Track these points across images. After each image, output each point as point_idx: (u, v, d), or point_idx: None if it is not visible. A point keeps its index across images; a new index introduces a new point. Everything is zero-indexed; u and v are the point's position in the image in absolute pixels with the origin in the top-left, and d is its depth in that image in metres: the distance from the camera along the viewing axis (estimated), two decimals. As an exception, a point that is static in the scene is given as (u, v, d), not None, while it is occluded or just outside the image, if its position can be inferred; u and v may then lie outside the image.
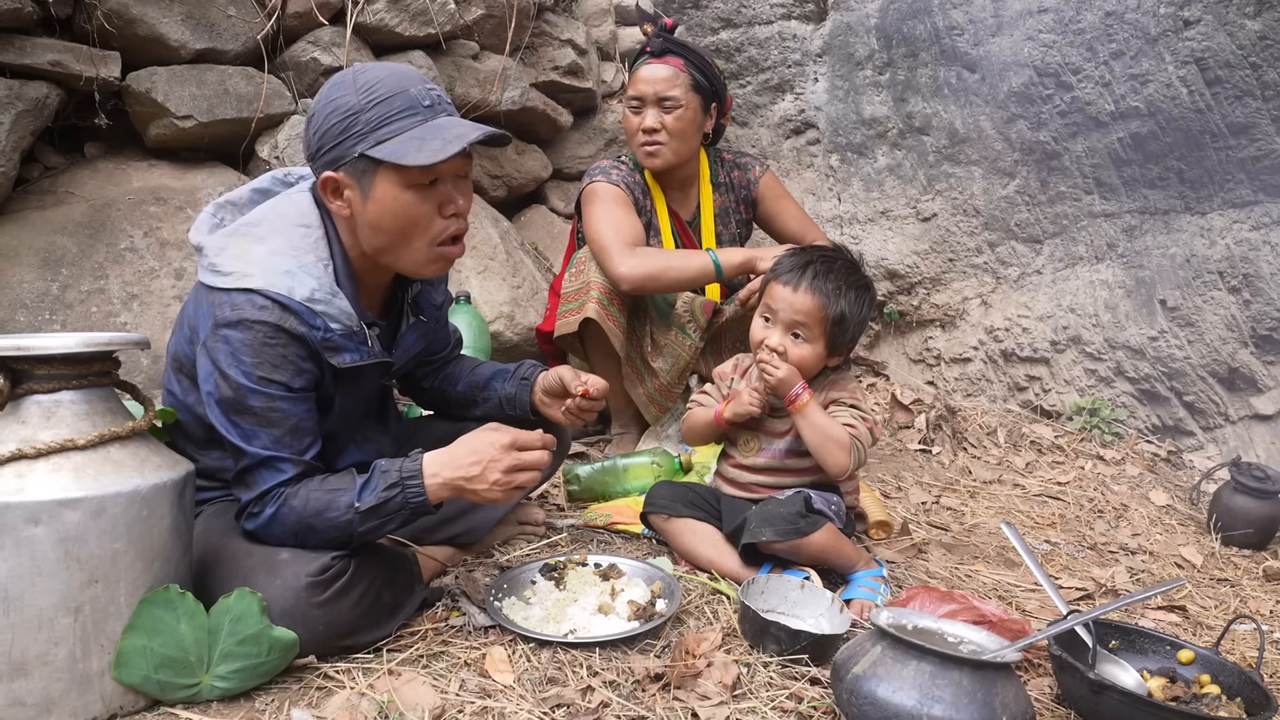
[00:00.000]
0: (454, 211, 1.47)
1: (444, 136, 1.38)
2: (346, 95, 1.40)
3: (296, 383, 1.42)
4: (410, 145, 1.37)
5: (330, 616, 1.39)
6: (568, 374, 1.79)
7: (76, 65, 2.34)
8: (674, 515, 1.93)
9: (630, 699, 1.37)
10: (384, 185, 1.41)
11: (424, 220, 1.45)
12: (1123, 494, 2.84)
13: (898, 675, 1.27)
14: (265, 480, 1.41)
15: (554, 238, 3.60)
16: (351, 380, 1.53)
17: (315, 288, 1.42)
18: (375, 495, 1.41)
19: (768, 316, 1.87)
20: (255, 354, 1.37)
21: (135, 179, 2.61)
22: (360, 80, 1.41)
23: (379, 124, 1.38)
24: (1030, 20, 3.10)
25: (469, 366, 1.94)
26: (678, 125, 2.47)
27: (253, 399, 1.38)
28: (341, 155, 1.41)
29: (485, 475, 1.42)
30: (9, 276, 2.26)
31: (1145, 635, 1.67)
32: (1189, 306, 3.08)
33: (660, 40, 2.51)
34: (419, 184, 1.42)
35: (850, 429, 1.82)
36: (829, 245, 1.98)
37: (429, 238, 1.47)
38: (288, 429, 1.42)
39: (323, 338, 1.43)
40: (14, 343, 1.23)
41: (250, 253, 1.42)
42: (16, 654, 1.18)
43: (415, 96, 1.41)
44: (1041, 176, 3.28)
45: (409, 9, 2.86)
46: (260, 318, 1.37)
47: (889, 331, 3.82)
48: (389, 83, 1.40)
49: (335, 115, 1.40)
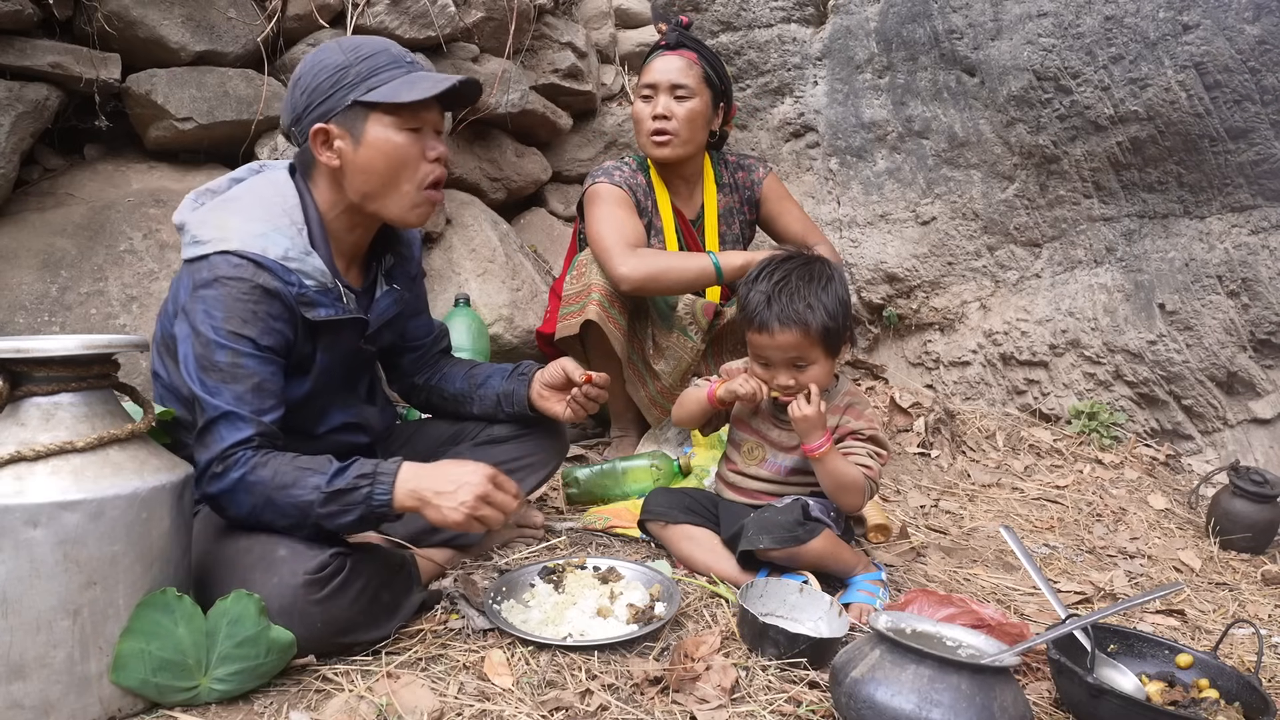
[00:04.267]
0: (436, 156, 1.59)
1: (431, 79, 1.53)
2: (333, 55, 1.53)
3: (265, 340, 1.47)
4: (402, 88, 1.51)
5: (328, 614, 1.39)
6: (570, 365, 1.83)
7: (76, 67, 2.34)
8: (671, 522, 1.93)
9: (629, 702, 1.37)
10: (375, 128, 1.53)
11: (412, 161, 1.57)
12: (1121, 498, 2.85)
13: (896, 679, 1.27)
14: (222, 437, 1.42)
15: (553, 240, 3.60)
16: (329, 336, 1.59)
17: (289, 247, 1.50)
18: (345, 480, 1.43)
19: (763, 361, 1.82)
20: (227, 309, 1.44)
21: (135, 181, 2.61)
22: (345, 44, 1.56)
23: (369, 75, 1.52)
24: (1030, 24, 3.10)
25: (465, 367, 1.99)
26: (688, 115, 2.49)
27: (219, 353, 1.43)
28: (333, 106, 1.52)
29: (456, 494, 1.44)
30: (8, 278, 2.26)
31: (1144, 639, 1.67)
32: (1188, 310, 3.08)
33: (676, 34, 2.54)
34: (405, 127, 1.54)
35: (866, 470, 1.80)
36: (779, 253, 1.90)
37: (416, 180, 1.58)
38: (250, 386, 1.44)
39: (298, 293, 1.51)
40: (13, 345, 1.23)
41: (227, 221, 1.50)
42: (15, 656, 1.18)
43: (398, 54, 1.56)
44: (1041, 180, 3.29)
45: (409, 11, 2.87)
46: (235, 274, 1.45)
47: (888, 335, 3.82)
48: (372, 43, 1.57)
49: (325, 72, 1.52)
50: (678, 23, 2.58)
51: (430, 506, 1.45)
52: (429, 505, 1.45)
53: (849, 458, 1.81)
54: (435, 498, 1.44)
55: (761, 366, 1.83)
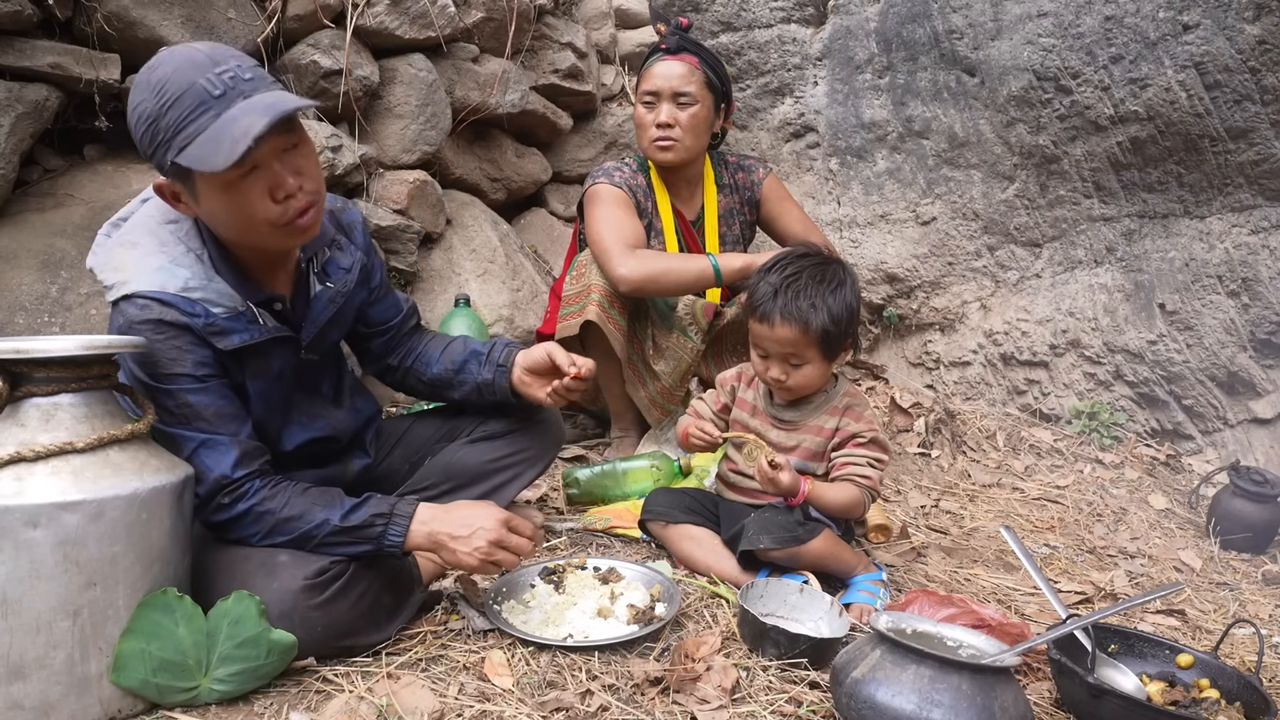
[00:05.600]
0: (286, 194, 1.39)
1: (232, 134, 1.28)
2: (145, 100, 1.34)
3: (200, 371, 1.43)
4: (208, 149, 1.29)
5: (328, 618, 1.40)
6: (559, 353, 1.77)
7: (76, 68, 2.33)
8: (672, 521, 1.93)
9: (629, 703, 1.37)
10: (203, 189, 1.37)
11: (255, 210, 1.38)
12: (1122, 498, 2.85)
13: (897, 679, 1.27)
14: (210, 465, 1.42)
15: (553, 240, 3.60)
16: (255, 361, 1.52)
17: (188, 276, 1.42)
18: (359, 517, 1.44)
19: (761, 351, 1.84)
20: (150, 355, 1.40)
21: (135, 181, 2.61)
22: (154, 80, 1.33)
23: (177, 128, 1.32)
24: (1030, 24, 3.10)
25: (440, 345, 1.90)
26: (692, 121, 2.48)
27: (164, 399, 1.41)
28: (161, 163, 1.37)
29: (472, 539, 1.47)
30: (8, 279, 2.26)
31: (1144, 639, 1.67)
32: (1188, 310, 3.08)
33: (676, 38, 2.53)
34: (234, 180, 1.35)
35: (865, 480, 1.80)
36: (799, 248, 1.92)
37: (270, 223, 1.40)
38: (209, 416, 1.43)
39: (205, 324, 1.42)
40: (13, 345, 1.23)
41: (124, 260, 1.44)
42: (15, 657, 1.18)
43: (204, 89, 1.31)
44: (1041, 180, 3.29)
45: (409, 12, 2.86)
46: (143, 317, 1.39)
47: (888, 335, 3.82)
48: (178, 79, 1.32)
49: (141, 124, 1.35)
50: (677, 25, 2.58)
51: (445, 549, 1.48)
52: (444, 548, 1.48)
53: (847, 469, 1.81)
54: (450, 541, 1.47)
55: (759, 357, 1.84)
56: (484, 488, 1.84)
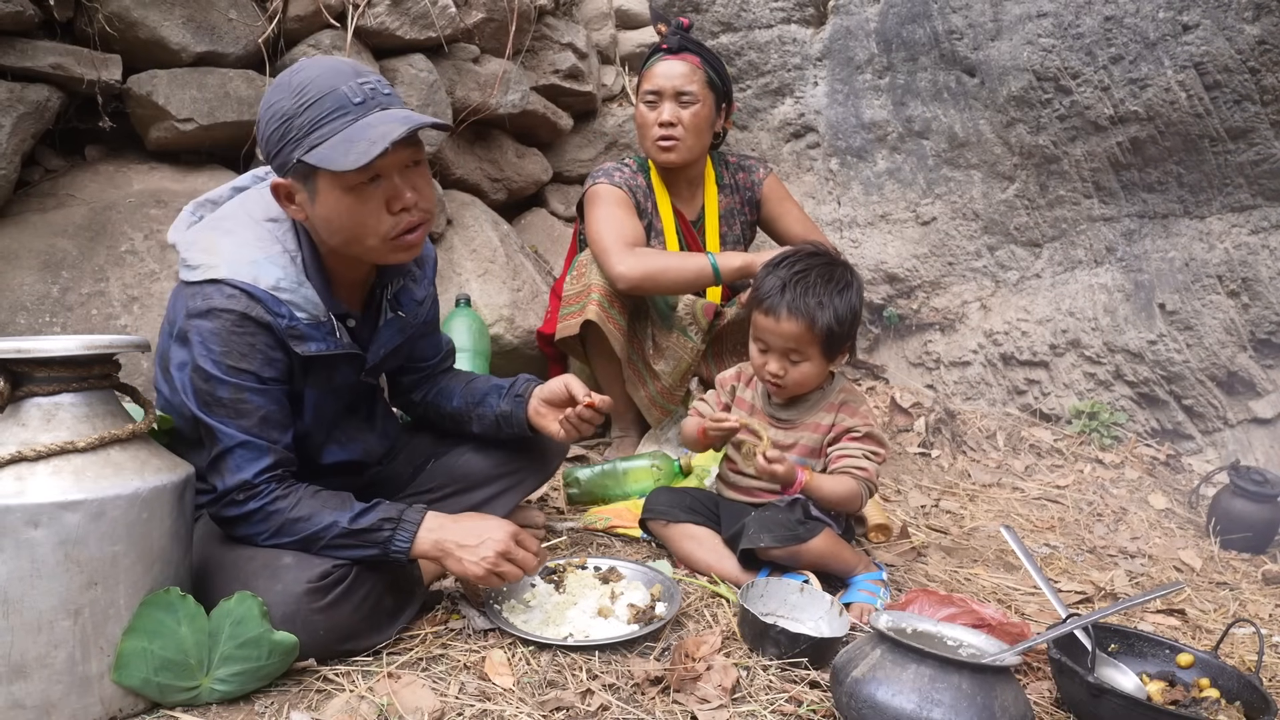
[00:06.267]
0: (402, 206, 1.43)
1: (369, 137, 1.33)
2: (282, 99, 1.38)
3: (266, 372, 1.43)
4: (339, 149, 1.34)
5: (331, 621, 1.40)
6: (576, 384, 1.75)
7: (78, 68, 2.34)
8: (672, 520, 1.93)
9: (630, 702, 1.37)
10: (325, 189, 1.39)
11: (370, 219, 1.42)
12: (1122, 497, 2.85)
13: (897, 679, 1.27)
14: (240, 466, 1.41)
15: (554, 241, 3.60)
16: (322, 372, 1.54)
17: (281, 277, 1.43)
18: (368, 521, 1.44)
19: (761, 345, 1.84)
20: (224, 343, 1.39)
21: (136, 182, 2.61)
22: (295, 81, 1.38)
23: (311, 127, 1.36)
24: (1029, 24, 3.11)
25: (463, 381, 1.90)
26: (694, 121, 2.49)
27: (221, 389, 1.40)
28: (285, 161, 1.40)
29: (479, 549, 1.47)
30: (9, 279, 2.26)
31: (1144, 639, 1.67)
32: (1188, 310, 3.08)
33: (677, 38, 2.53)
34: (358, 185, 1.38)
35: (861, 473, 1.80)
36: (807, 247, 1.93)
37: (380, 234, 1.43)
38: (257, 420, 1.43)
39: (287, 325, 1.44)
40: (14, 345, 1.23)
41: (217, 245, 1.44)
42: (16, 656, 1.18)
43: (345, 95, 1.37)
44: (1041, 180, 3.29)
45: (410, 12, 2.87)
46: (227, 306, 1.39)
47: (888, 335, 3.82)
48: (320, 82, 1.37)
49: (273, 121, 1.39)
50: (678, 25, 2.58)
51: (451, 558, 1.48)
52: (450, 556, 1.48)
53: (843, 461, 1.81)
54: (457, 549, 1.47)
55: (759, 351, 1.85)
56: (486, 493, 1.85)
